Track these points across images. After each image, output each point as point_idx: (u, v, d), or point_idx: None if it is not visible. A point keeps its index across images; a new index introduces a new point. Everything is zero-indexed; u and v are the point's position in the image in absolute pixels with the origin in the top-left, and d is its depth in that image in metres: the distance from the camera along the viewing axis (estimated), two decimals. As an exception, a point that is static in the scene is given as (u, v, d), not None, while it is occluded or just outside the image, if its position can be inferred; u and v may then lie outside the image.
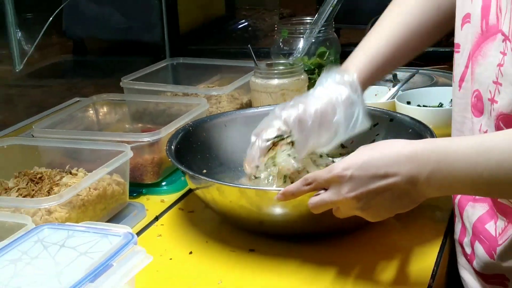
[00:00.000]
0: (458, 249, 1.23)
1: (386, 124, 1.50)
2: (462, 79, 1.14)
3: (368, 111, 1.35)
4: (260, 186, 1.29)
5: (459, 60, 1.17)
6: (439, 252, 1.24)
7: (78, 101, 2.03)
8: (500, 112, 1.00)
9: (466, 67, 1.12)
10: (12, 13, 1.63)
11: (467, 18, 1.11)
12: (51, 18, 1.54)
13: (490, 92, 1.02)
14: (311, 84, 1.85)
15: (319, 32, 1.91)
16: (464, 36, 1.13)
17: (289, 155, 1.29)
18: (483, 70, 1.04)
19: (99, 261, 0.96)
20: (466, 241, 1.17)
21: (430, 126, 1.41)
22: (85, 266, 0.95)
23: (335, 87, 1.27)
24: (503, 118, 1.00)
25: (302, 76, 1.80)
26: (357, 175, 1.01)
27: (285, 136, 1.29)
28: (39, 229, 1.08)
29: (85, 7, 4.20)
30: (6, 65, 2.78)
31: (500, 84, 0.99)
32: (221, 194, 1.29)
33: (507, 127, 0.98)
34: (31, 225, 1.14)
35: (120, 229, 1.06)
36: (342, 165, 1.04)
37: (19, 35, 1.72)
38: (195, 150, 1.51)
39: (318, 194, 1.08)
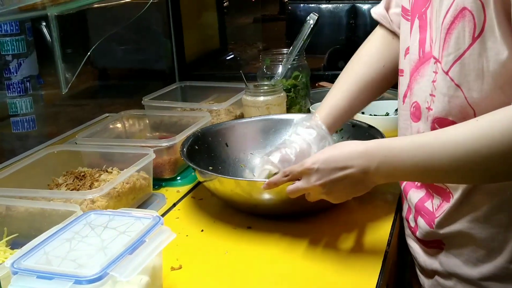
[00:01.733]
0: (405, 223, 1.24)
1: (349, 129, 1.53)
2: (405, 95, 1.17)
3: None
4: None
5: (403, 81, 1.19)
6: (392, 226, 1.27)
7: (108, 116, 2.02)
8: (435, 116, 1.02)
9: (408, 86, 1.14)
10: (58, 49, 1.62)
11: (408, 50, 1.14)
12: (88, 53, 1.54)
13: (427, 102, 1.05)
14: (288, 99, 1.86)
15: (293, 60, 1.91)
16: (406, 63, 1.15)
17: None
18: (421, 86, 1.07)
19: (135, 238, 0.98)
20: (411, 217, 1.19)
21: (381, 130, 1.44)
22: (124, 242, 0.96)
23: (306, 131, 1.30)
24: (438, 121, 1.02)
25: (282, 94, 1.80)
26: (322, 167, 1.04)
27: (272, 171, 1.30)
28: (87, 214, 1.08)
29: (109, 44, 4.18)
30: (52, 89, 2.77)
31: (434, 96, 1.02)
32: (222, 184, 1.31)
33: (441, 127, 1.01)
34: (79, 212, 1.15)
35: (150, 213, 1.07)
36: (311, 160, 1.07)
37: (63, 66, 1.72)
38: (203, 151, 1.51)
39: (294, 183, 1.11)
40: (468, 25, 0.92)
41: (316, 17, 1.90)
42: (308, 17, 1.92)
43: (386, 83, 1.34)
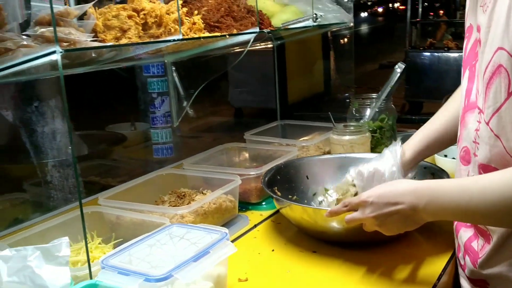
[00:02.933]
0: (458, 262, 1.20)
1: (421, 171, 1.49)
2: (459, 140, 1.14)
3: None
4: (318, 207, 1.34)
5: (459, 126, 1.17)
6: (447, 263, 1.24)
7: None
8: (480, 162, 1.01)
9: (460, 131, 1.13)
10: (172, 89, 1.79)
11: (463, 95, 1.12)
12: (195, 93, 1.66)
13: (472, 148, 1.04)
14: (374, 140, 1.87)
15: (381, 104, 1.91)
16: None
17: None
18: (468, 133, 1.06)
19: (201, 248, 1.05)
20: (460, 255, 1.16)
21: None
22: (192, 251, 1.05)
23: (389, 156, 1.33)
24: (482, 167, 1.01)
25: (367, 134, 1.80)
26: (376, 201, 1.07)
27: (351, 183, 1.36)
28: (170, 226, 1.18)
29: (239, 90, 4.40)
30: (185, 122, 2.90)
31: (478, 143, 1.01)
32: (292, 211, 1.36)
33: (485, 172, 0.99)
34: (168, 224, 1.24)
35: (221, 230, 1.14)
36: (367, 194, 1.10)
37: (176, 103, 1.87)
38: (284, 182, 1.55)
39: (351, 213, 1.13)
40: (503, 80, 0.91)
41: (404, 66, 1.90)
42: (396, 66, 1.92)
43: None
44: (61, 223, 1.31)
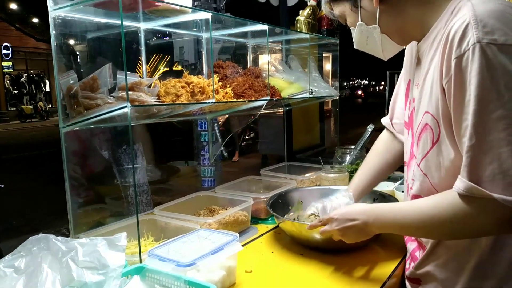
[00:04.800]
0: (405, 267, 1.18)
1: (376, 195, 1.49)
2: (406, 179, 1.12)
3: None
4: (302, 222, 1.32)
5: (405, 169, 1.17)
6: (396, 266, 1.21)
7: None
8: (413, 194, 1.01)
9: (407, 173, 1.11)
10: (210, 139, 1.85)
11: (406, 148, 1.12)
12: (224, 141, 1.69)
13: (409, 184, 1.04)
14: (351, 177, 1.85)
15: (356, 153, 1.92)
16: (406, 158, 1.13)
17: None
18: (409, 174, 1.05)
19: (218, 246, 1.06)
20: (408, 262, 1.13)
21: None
22: (211, 247, 1.06)
23: (341, 197, 1.31)
24: (414, 197, 1.00)
25: (346, 173, 1.80)
26: (339, 218, 1.07)
27: (316, 214, 1.34)
28: (199, 230, 1.20)
29: (264, 142, 4.37)
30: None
31: (414, 180, 1.00)
32: (286, 224, 1.35)
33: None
34: (198, 228, 1.26)
35: (233, 234, 1.14)
36: (334, 213, 1.10)
37: (212, 149, 1.92)
38: (284, 204, 1.55)
39: (324, 227, 1.13)
40: (429, 135, 0.91)
41: (373, 127, 1.91)
42: (368, 126, 1.93)
43: (390, 169, 1.31)
44: (126, 225, 1.33)
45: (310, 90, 1.83)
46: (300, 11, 2.01)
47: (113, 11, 1.28)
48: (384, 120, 1.33)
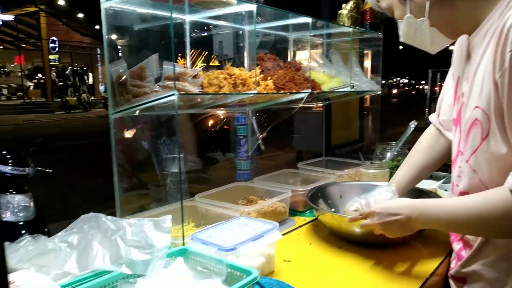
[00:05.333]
0: (449, 266, 1.15)
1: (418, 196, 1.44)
2: (453, 174, 1.10)
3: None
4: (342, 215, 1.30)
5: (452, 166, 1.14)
6: (439, 264, 1.18)
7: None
8: (460, 191, 0.98)
9: (452, 169, 1.09)
10: (250, 132, 1.86)
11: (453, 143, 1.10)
12: (263, 134, 1.70)
13: (456, 181, 1.01)
14: (391, 174, 1.81)
15: (397, 149, 1.88)
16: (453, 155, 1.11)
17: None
18: (455, 171, 1.03)
19: (258, 233, 1.08)
20: (454, 262, 1.10)
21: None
22: (251, 234, 1.07)
23: (386, 190, 1.28)
24: (461, 194, 0.98)
25: (387, 170, 1.78)
26: (381, 212, 1.05)
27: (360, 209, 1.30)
28: (239, 218, 1.22)
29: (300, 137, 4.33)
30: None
31: (460, 177, 0.98)
32: (325, 217, 1.35)
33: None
34: (238, 216, 1.28)
35: (273, 223, 1.16)
36: (376, 207, 1.08)
37: (251, 142, 1.94)
38: (323, 198, 1.54)
39: (364, 221, 1.12)
40: (478, 130, 0.89)
41: (416, 123, 1.87)
42: (411, 123, 1.89)
43: (434, 166, 1.28)
44: (169, 210, 1.37)
45: (352, 84, 1.81)
46: (343, 5, 1.99)
47: (161, 1, 1.32)
48: (432, 117, 1.30)
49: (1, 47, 23.13)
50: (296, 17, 1.65)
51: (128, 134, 1.82)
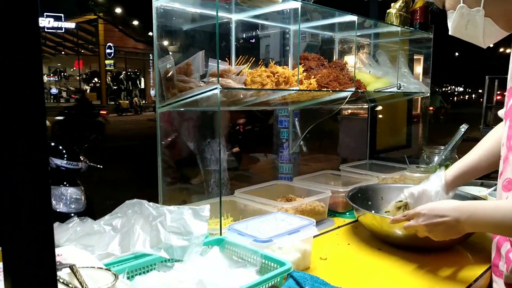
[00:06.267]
0: (493, 270, 1.08)
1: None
2: (500, 174, 1.03)
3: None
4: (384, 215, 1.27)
5: (500, 164, 1.07)
6: (486, 270, 1.13)
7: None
8: None
9: (503, 167, 1.03)
10: (291, 132, 1.86)
11: (502, 141, 1.04)
12: (304, 134, 1.70)
13: (508, 179, 0.95)
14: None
15: (446, 154, 1.80)
16: (503, 151, 1.04)
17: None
18: (510, 167, 0.97)
19: (294, 227, 1.08)
20: (501, 264, 1.03)
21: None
22: (287, 228, 1.08)
23: (436, 179, 1.25)
24: None
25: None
26: (427, 213, 1.02)
27: (404, 201, 1.29)
28: (276, 213, 1.23)
29: (345, 144, 4.28)
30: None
31: None
32: (365, 217, 1.32)
33: None
34: (275, 211, 1.29)
35: (309, 219, 1.15)
36: (420, 208, 1.05)
37: (291, 140, 1.94)
38: (364, 199, 1.51)
39: (408, 222, 1.08)
40: None
41: (467, 127, 1.78)
42: (461, 126, 1.81)
43: (495, 163, 1.19)
44: (209, 204, 1.40)
45: (399, 84, 1.76)
46: (392, 4, 1.95)
47: (209, 0, 1.37)
48: (500, 112, 1.24)
49: (63, 52, 24.80)
50: (342, 16, 1.64)
51: (173, 130, 1.90)
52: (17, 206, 0.37)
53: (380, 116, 2.42)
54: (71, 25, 20.27)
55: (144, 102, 21.70)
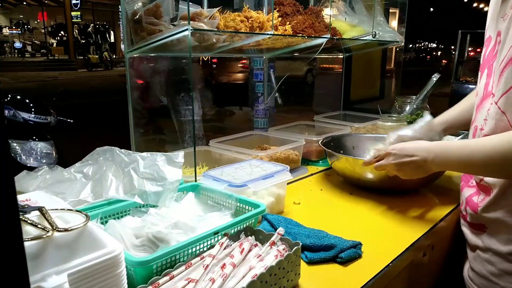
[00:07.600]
0: (460, 215, 1.13)
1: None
2: (472, 122, 1.06)
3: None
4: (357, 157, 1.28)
5: (473, 113, 1.09)
6: (451, 210, 1.18)
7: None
8: (484, 134, 0.95)
9: (474, 116, 1.04)
10: (266, 82, 1.83)
11: (478, 90, 1.05)
12: (277, 86, 1.67)
13: (481, 125, 0.97)
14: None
15: (417, 103, 1.83)
16: (477, 100, 1.06)
17: None
18: (481, 115, 0.98)
19: (268, 173, 1.09)
20: (463, 208, 1.08)
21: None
22: (261, 174, 1.08)
23: (423, 124, 1.25)
24: (485, 136, 0.94)
25: (405, 123, 1.73)
26: (397, 153, 1.04)
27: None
28: (251, 160, 1.23)
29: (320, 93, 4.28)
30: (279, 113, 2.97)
31: (486, 120, 0.94)
32: (339, 161, 1.34)
33: None
34: (250, 159, 1.29)
35: (283, 165, 1.16)
36: (391, 147, 1.07)
37: (267, 91, 1.93)
38: (336, 148, 1.52)
39: (379, 162, 1.11)
40: None
41: (439, 76, 1.80)
42: (433, 75, 1.82)
43: None
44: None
45: (374, 33, 1.74)
46: (369, -51, 1.88)
47: None
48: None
49: (24, 3, 23.19)
50: (318, -41, 1.58)
51: (144, 77, 1.83)
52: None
53: (355, 67, 2.41)
54: (31, -28, 18.83)
55: (114, 56, 20.86)
